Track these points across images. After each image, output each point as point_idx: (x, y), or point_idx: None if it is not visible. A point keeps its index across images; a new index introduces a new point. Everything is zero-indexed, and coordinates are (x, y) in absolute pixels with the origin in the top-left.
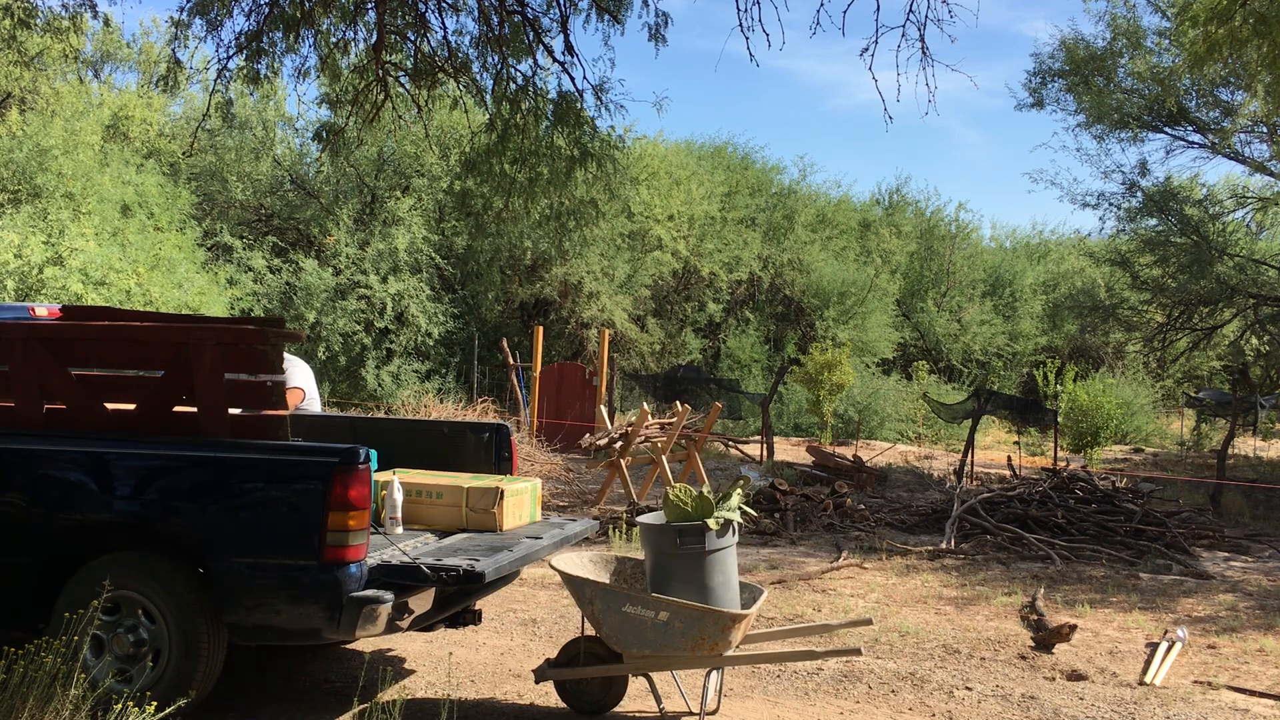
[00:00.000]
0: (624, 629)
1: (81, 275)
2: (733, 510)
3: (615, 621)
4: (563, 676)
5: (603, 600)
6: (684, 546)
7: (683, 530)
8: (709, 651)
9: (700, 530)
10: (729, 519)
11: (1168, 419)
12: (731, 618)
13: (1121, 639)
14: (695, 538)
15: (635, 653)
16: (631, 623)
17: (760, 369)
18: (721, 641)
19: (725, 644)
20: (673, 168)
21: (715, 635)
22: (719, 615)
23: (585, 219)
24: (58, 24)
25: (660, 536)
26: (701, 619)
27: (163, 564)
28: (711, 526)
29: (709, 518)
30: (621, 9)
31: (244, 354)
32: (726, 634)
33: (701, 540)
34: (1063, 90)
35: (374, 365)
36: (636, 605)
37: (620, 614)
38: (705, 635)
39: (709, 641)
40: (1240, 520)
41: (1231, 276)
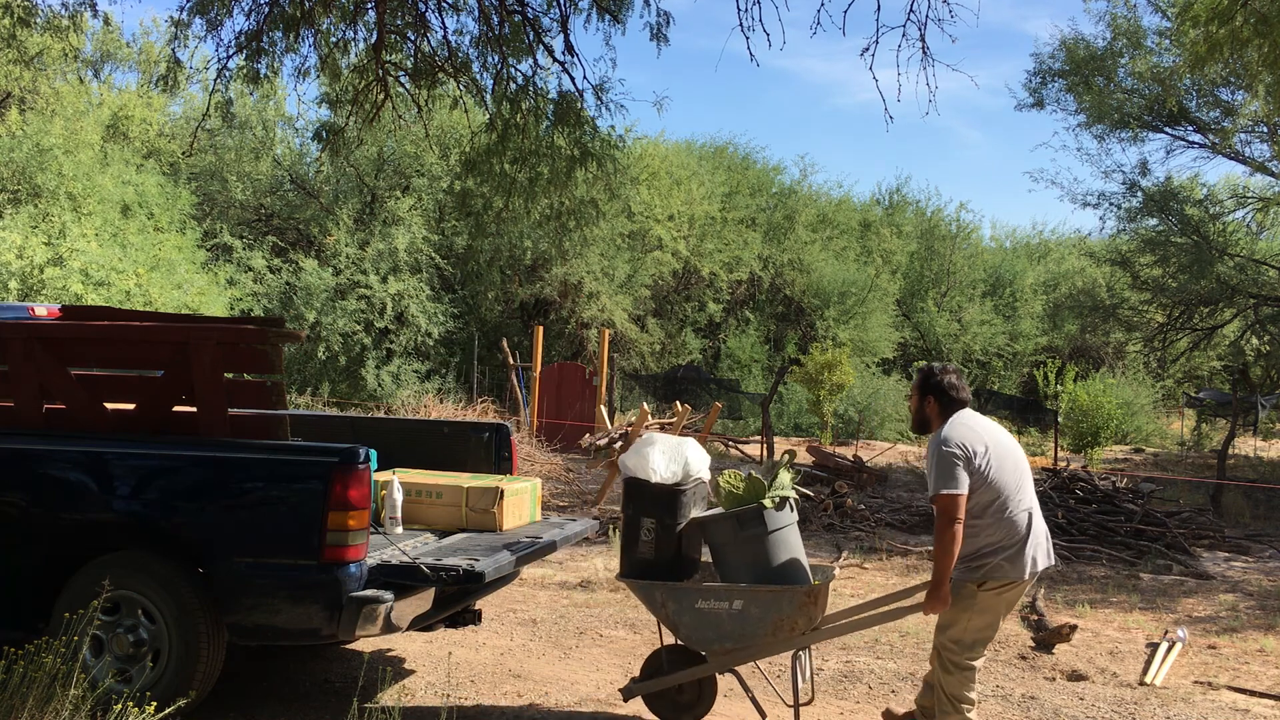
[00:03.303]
0: (701, 626)
1: (82, 276)
2: (786, 487)
3: (691, 620)
4: (650, 689)
5: (675, 600)
6: (745, 531)
7: (741, 515)
8: (790, 633)
9: (758, 512)
10: (785, 495)
11: (1168, 419)
12: (806, 593)
13: (1122, 639)
14: (755, 520)
15: (717, 649)
16: (707, 618)
17: (760, 369)
18: (801, 619)
19: (806, 621)
20: (673, 168)
21: (794, 614)
22: (793, 593)
23: (585, 219)
24: (58, 23)
25: (720, 527)
26: (777, 600)
27: (162, 564)
28: (768, 505)
29: (764, 498)
30: (622, 9)
31: (244, 354)
32: (805, 611)
33: (762, 522)
34: (1063, 90)
35: (374, 365)
36: (709, 599)
37: (694, 611)
38: (784, 616)
39: (788, 622)
40: (1240, 520)
41: (1232, 276)
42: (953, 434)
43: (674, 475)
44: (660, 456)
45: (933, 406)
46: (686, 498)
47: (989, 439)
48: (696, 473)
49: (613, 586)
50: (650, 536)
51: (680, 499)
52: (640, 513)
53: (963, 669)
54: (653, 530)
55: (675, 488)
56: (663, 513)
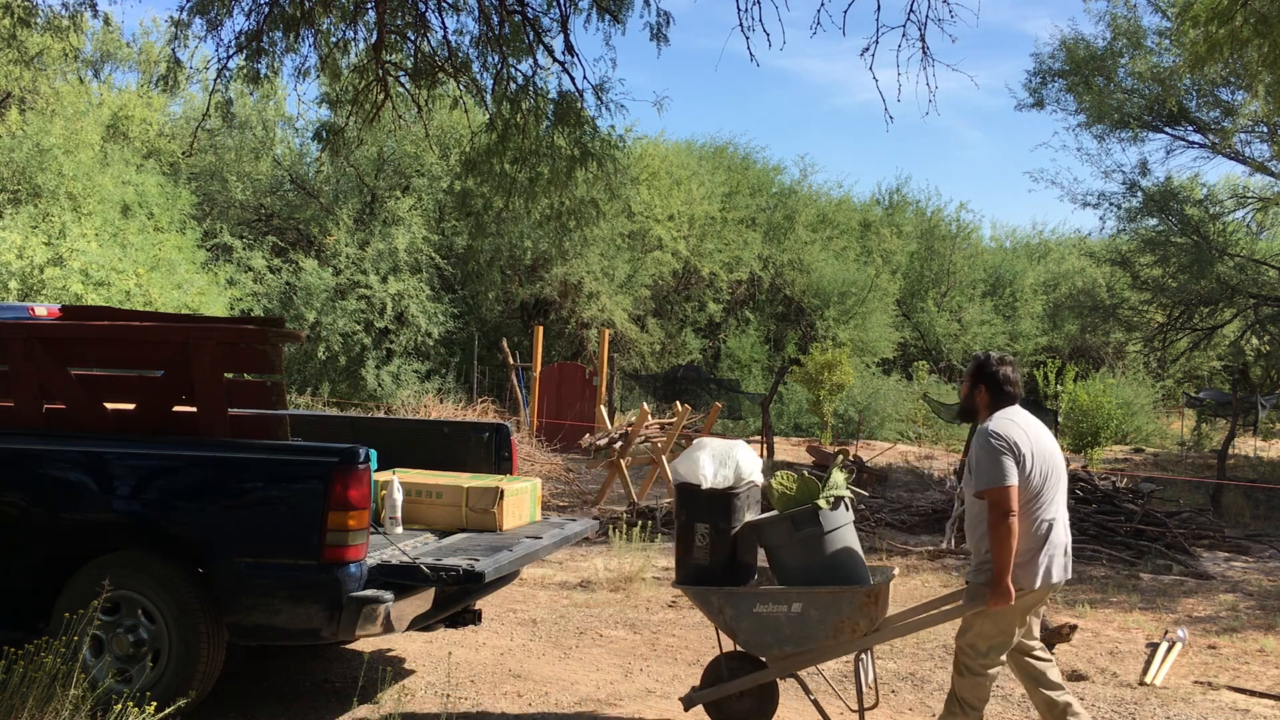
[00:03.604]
0: (760, 630)
1: (82, 276)
2: (839, 487)
3: (749, 625)
4: (710, 697)
5: (732, 605)
6: (800, 532)
7: (796, 516)
8: (851, 635)
9: (813, 512)
10: (839, 495)
11: (1168, 419)
12: (867, 593)
13: (1122, 639)
14: (810, 521)
15: (777, 653)
16: (766, 622)
17: (760, 369)
18: (862, 620)
19: (867, 622)
20: (673, 168)
21: (854, 615)
22: (853, 593)
23: (585, 219)
24: (58, 23)
25: (775, 529)
26: (836, 601)
27: (162, 564)
28: (823, 506)
29: (818, 498)
30: (622, 9)
31: (244, 354)
32: (865, 612)
33: (817, 522)
34: (1063, 90)
35: (374, 365)
36: (767, 602)
37: (753, 616)
38: (844, 617)
39: (849, 623)
40: (1240, 520)
41: (1232, 276)
42: (1000, 428)
43: (725, 479)
44: (711, 461)
45: (983, 396)
46: (740, 501)
47: (1034, 442)
48: (749, 476)
49: (613, 586)
50: (705, 542)
51: (733, 503)
52: (694, 518)
53: (975, 674)
54: (707, 535)
55: (728, 491)
56: (716, 517)
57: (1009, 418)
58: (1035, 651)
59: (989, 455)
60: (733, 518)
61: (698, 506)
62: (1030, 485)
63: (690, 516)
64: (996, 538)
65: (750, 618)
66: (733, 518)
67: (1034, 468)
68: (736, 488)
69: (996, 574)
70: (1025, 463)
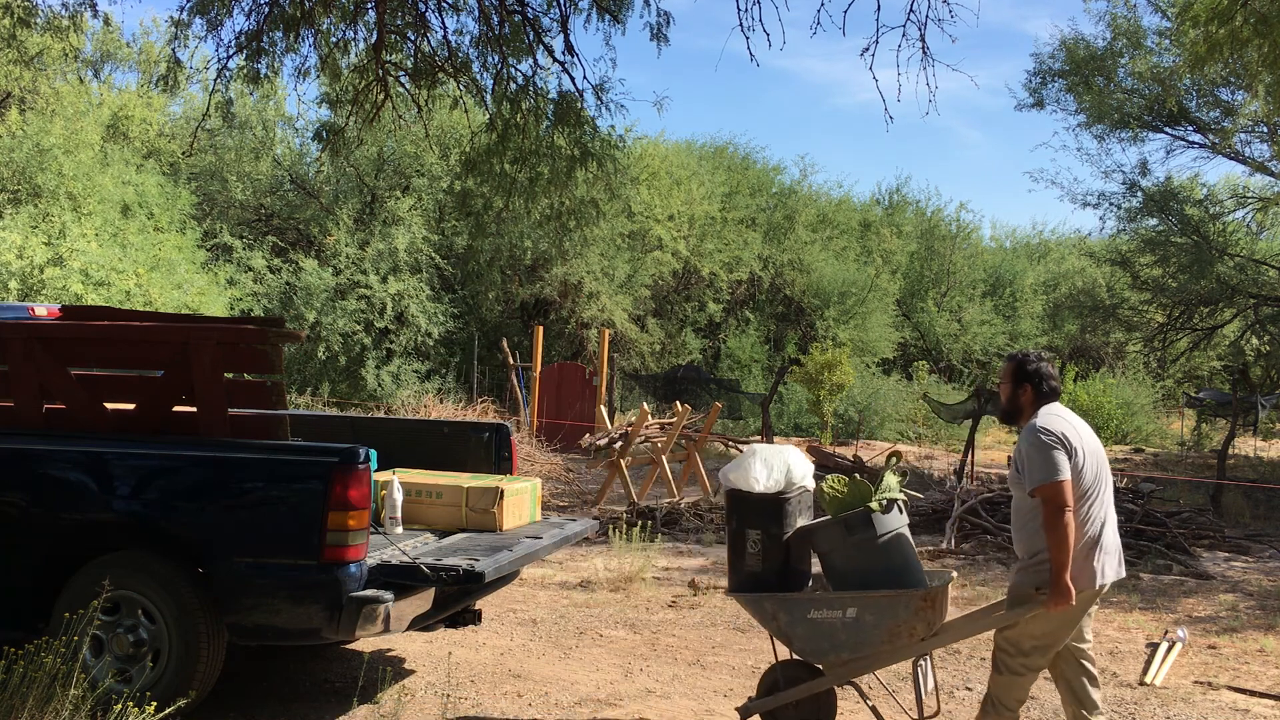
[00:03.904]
0: (815, 637)
1: (82, 276)
2: (893, 489)
3: (804, 631)
4: (767, 707)
5: (786, 611)
6: (853, 536)
7: (848, 520)
8: (908, 639)
9: (865, 516)
10: (893, 498)
11: (1168, 419)
12: (922, 597)
13: (1122, 639)
14: (862, 525)
15: (833, 660)
16: (821, 628)
17: (760, 369)
18: (919, 624)
19: (923, 627)
20: (673, 168)
21: (910, 619)
22: (908, 597)
23: (585, 219)
24: (58, 23)
25: (827, 533)
26: (891, 605)
27: (162, 564)
28: (876, 509)
29: (870, 501)
30: (622, 9)
31: (244, 354)
32: (922, 616)
33: (870, 525)
34: (1063, 90)
35: (374, 365)
36: (821, 608)
37: (807, 621)
38: (900, 622)
39: (905, 628)
40: (1241, 520)
41: (1232, 276)
42: (1048, 424)
43: (776, 484)
44: (761, 466)
45: (1028, 395)
46: (791, 506)
47: (1082, 438)
48: (800, 480)
49: (613, 586)
50: (756, 548)
51: (785, 507)
52: (745, 525)
53: (1014, 672)
54: (759, 542)
55: (779, 496)
56: (768, 523)
57: (1056, 414)
58: (1083, 660)
59: (1039, 451)
60: (784, 523)
61: (749, 512)
62: (1082, 482)
63: (741, 523)
64: (1054, 535)
65: (805, 624)
66: (784, 523)
67: (1085, 464)
68: (787, 492)
69: (1055, 572)
70: (1076, 458)
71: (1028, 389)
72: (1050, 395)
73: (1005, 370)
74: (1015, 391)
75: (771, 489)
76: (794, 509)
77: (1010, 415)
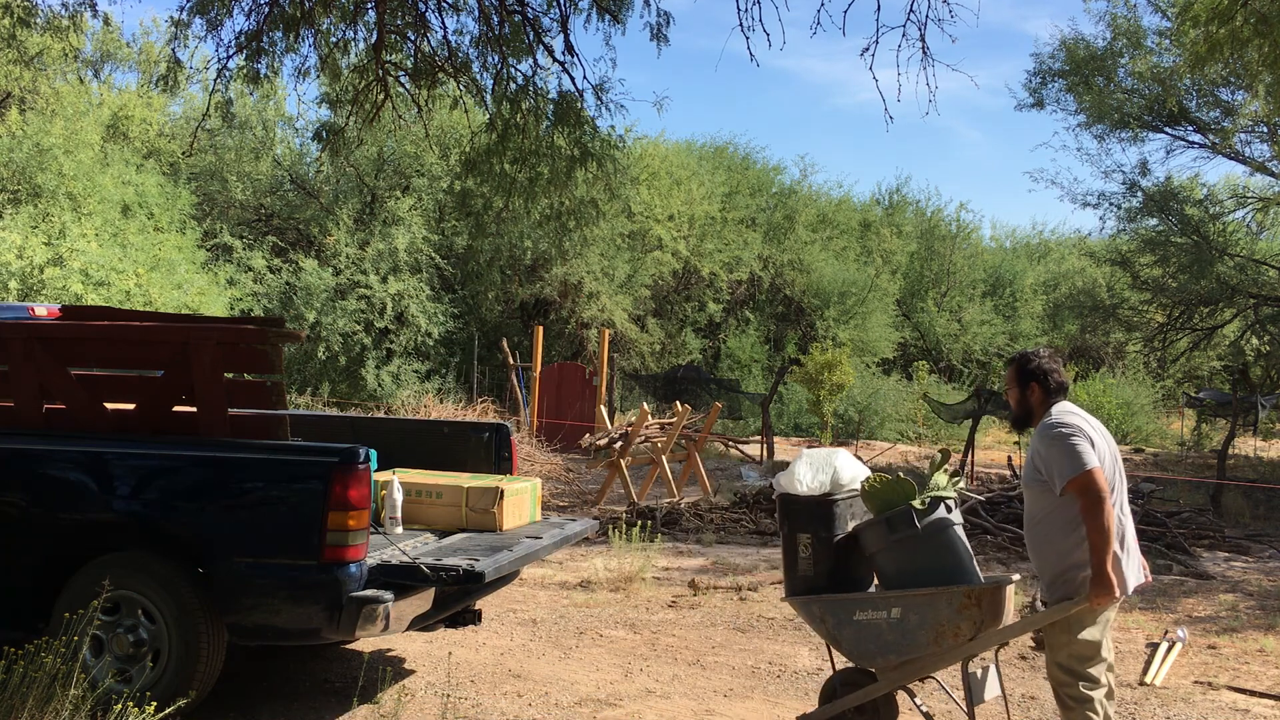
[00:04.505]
0: (862, 639)
1: (82, 276)
2: (940, 488)
3: (851, 634)
4: (825, 715)
5: (832, 614)
6: (895, 535)
7: (891, 519)
8: (954, 640)
9: (908, 514)
10: (938, 496)
11: (1168, 419)
12: (966, 594)
13: (1122, 639)
14: (906, 523)
15: (883, 664)
16: (867, 630)
17: (760, 369)
18: (964, 624)
19: (969, 626)
20: (673, 168)
21: (954, 619)
22: (950, 595)
23: (585, 219)
24: (58, 23)
25: (871, 533)
26: (933, 604)
27: (162, 564)
28: (918, 506)
29: (914, 499)
30: (622, 9)
31: (244, 354)
32: (967, 614)
33: (913, 524)
34: (1063, 90)
35: (374, 365)
36: (866, 609)
37: (854, 624)
38: (943, 622)
39: (950, 628)
40: (1240, 520)
41: (1232, 276)
42: (1061, 418)
43: (821, 485)
44: (806, 468)
45: (1037, 394)
46: (840, 509)
47: (1097, 434)
48: (849, 482)
49: (613, 586)
50: (808, 553)
51: (833, 510)
52: (795, 529)
53: (1081, 700)
54: (809, 545)
55: (826, 498)
56: (817, 526)
57: (1070, 410)
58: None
59: (1061, 444)
60: (834, 526)
61: (798, 517)
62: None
63: (792, 528)
64: (1095, 525)
65: (851, 625)
66: (834, 526)
67: (1104, 461)
68: (834, 495)
69: (1097, 566)
70: (1099, 452)
71: (1035, 388)
72: (1059, 391)
73: (1009, 374)
74: (1023, 393)
75: (816, 491)
76: (843, 511)
77: (1022, 420)
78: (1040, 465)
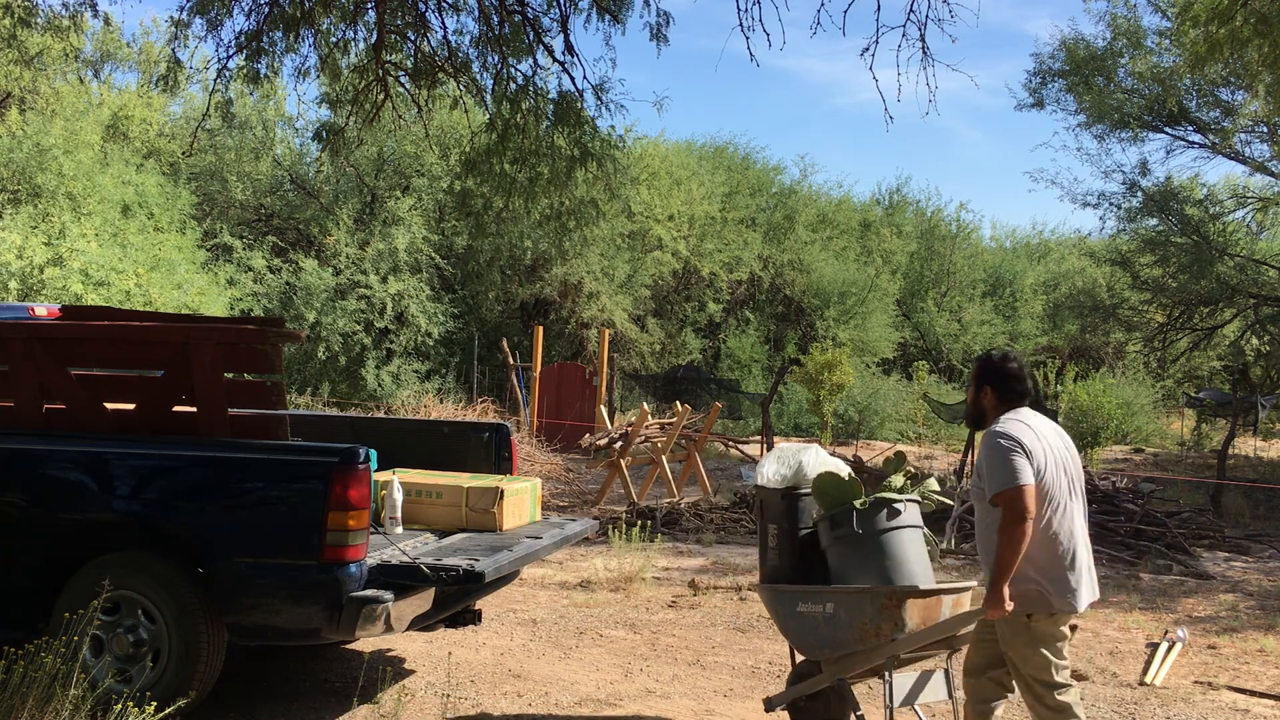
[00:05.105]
0: (805, 631)
1: (82, 276)
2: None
3: (796, 625)
4: (783, 700)
5: (781, 604)
6: (835, 531)
7: (834, 516)
8: (876, 639)
9: (848, 513)
10: (883, 498)
11: (1168, 419)
12: (887, 595)
13: (1122, 639)
14: (844, 522)
15: (821, 656)
16: (808, 623)
17: (760, 369)
18: (885, 624)
19: (890, 627)
20: (673, 168)
21: (876, 619)
22: (874, 595)
23: (585, 219)
24: (58, 23)
25: (821, 529)
26: (859, 602)
27: (162, 564)
28: (858, 507)
29: (857, 499)
30: (622, 9)
31: (244, 354)
32: (887, 616)
33: (851, 523)
34: (1063, 90)
35: (374, 365)
36: (808, 602)
37: (797, 616)
38: (867, 621)
39: (873, 628)
40: (1241, 520)
41: (1232, 276)
42: (1007, 428)
43: (784, 479)
44: (774, 462)
45: (990, 398)
46: (805, 503)
47: (1046, 443)
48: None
49: (613, 586)
50: (774, 543)
51: (798, 504)
52: (766, 520)
53: (1056, 710)
54: (775, 536)
55: (790, 492)
56: (781, 518)
57: (1017, 418)
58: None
59: (998, 456)
60: (798, 519)
61: (767, 508)
62: (1054, 493)
63: (763, 518)
64: (1007, 539)
65: (795, 618)
66: (798, 519)
67: (1048, 472)
68: (799, 488)
69: (994, 578)
70: (1044, 465)
71: (989, 391)
72: (1016, 399)
73: (971, 371)
74: (978, 394)
75: (776, 483)
76: (808, 506)
77: (974, 419)
78: (981, 470)
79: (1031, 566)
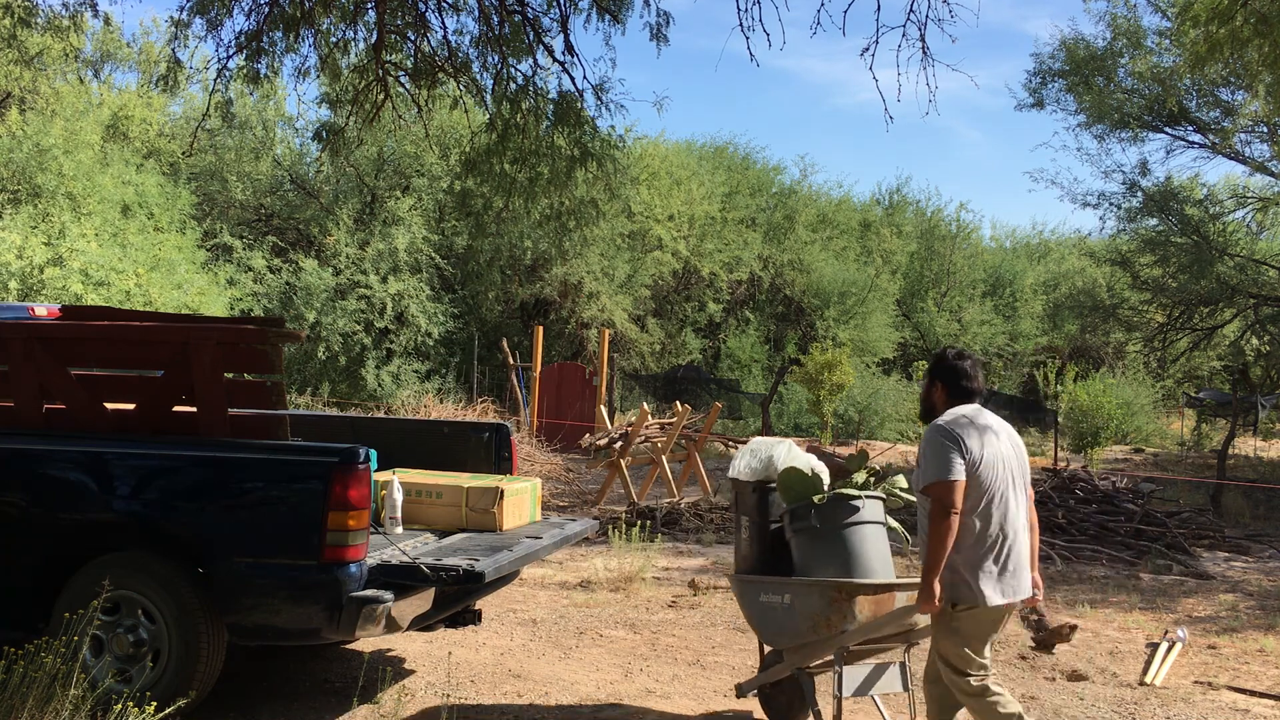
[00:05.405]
0: (765, 621)
1: (82, 276)
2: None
3: (758, 614)
4: (751, 686)
5: (746, 594)
6: (795, 524)
7: (794, 510)
8: (827, 630)
9: (807, 508)
10: (841, 494)
11: (1168, 419)
12: (835, 589)
13: (1122, 639)
14: (803, 516)
15: (782, 645)
16: (769, 613)
17: (760, 369)
18: (834, 617)
19: (838, 619)
20: (673, 168)
21: (825, 611)
22: (823, 588)
23: (585, 219)
24: (58, 23)
25: (785, 522)
26: (809, 593)
27: (162, 564)
28: (816, 502)
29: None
30: (622, 9)
31: (244, 354)
32: (837, 609)
33: (809, 518)
34: (1063, 90)
35: (374, 365)
36: (768, 592)
37: (759, 605)
38: (817, 612)
39: (822, 619)
40: (1240, 520)
41: (1232, 276)
42: (947, 422)
43: (754, 472)
44: (747, 455)
45: (939, 393)
46: (775, 496)
47: (987, 439)
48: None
49: (613, 586)
50: (746, 535)
51: (768, 497)
52: (739, 511)
53: (972, 694)
54: (747, 528)
55: (761, 485)
56: (752, 510)
57: (961, 414)
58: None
59: (933, 449)
60: (768, 511)
61: (740, 500)
62: (987, 487)
63: (737, 510)
64: (934, 532)
65: (757, 606)
66: (768, 511)
67: (983, 468)
68: (770, 482)
69: (924, 573)
70: (979, 460)
71: (939, 386)
72: (964, 396)
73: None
74: (930, 389)
75: (745, 476)
76: (778, 499)
77: (925, 413)
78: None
79: (959, 557)
